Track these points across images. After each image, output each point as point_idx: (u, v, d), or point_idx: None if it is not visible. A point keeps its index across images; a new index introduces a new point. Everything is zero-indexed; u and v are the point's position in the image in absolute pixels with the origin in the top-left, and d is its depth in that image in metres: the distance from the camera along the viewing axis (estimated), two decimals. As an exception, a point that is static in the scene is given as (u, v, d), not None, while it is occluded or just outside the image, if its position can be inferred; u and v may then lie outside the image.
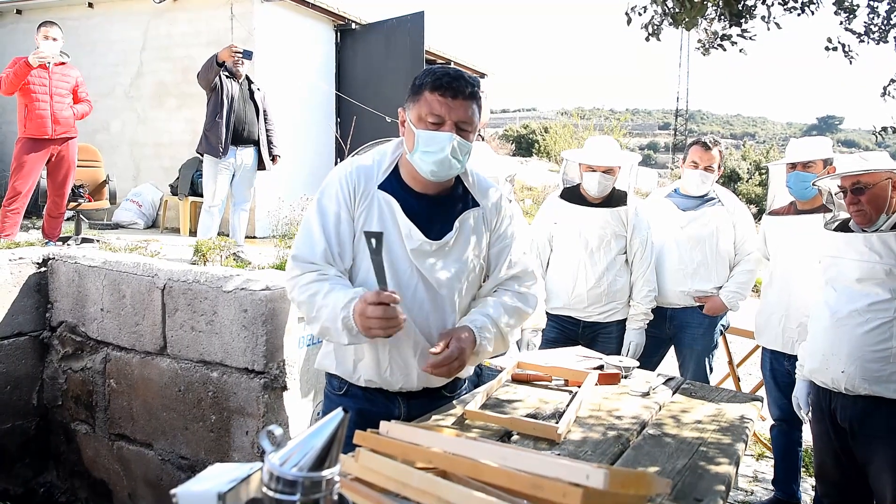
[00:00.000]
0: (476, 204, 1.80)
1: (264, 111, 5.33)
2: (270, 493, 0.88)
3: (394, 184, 1.73)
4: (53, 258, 3.65)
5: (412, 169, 1.70)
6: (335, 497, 0.92)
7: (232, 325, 2.97)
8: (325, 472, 0.89)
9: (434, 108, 1.61)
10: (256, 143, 5.24)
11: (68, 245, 4.53)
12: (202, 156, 5.17)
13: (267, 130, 5.36)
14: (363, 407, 1.74)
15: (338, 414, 0.92)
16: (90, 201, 5.79)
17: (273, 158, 5.43)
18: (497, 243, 1.84)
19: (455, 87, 1.61)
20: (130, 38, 7.93)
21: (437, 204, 1.74)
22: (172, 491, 0.93)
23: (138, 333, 3.29)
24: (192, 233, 6.01)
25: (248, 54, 5.07)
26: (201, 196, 5.73)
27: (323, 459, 0.89)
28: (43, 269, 3.65)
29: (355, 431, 1.28)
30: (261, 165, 5.33)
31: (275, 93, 7.53)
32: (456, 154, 1.63)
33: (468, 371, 1.86)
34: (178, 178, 6.98)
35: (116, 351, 3.39)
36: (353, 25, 8.48)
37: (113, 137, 8.03)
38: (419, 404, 1.79)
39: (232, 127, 5.01)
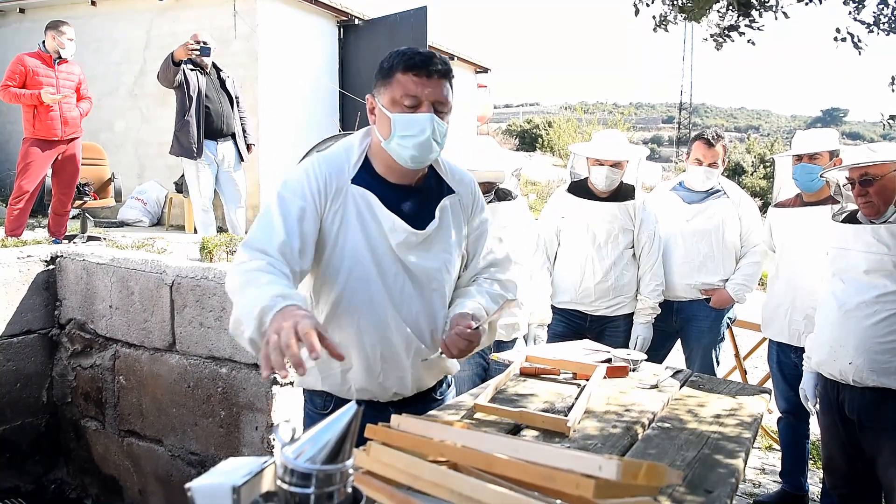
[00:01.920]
0: (452, 191, 1.72)
1: (237, 98, 5.11)
2: (285, 486, 0.89)
3: (366, 177, 1.62)
4: (61, 256, 3.66)
5: (386, 158, 1.61)
6: (349, 490, 0.93)
7: (240, 321, 2.98)
8: (339, 465, 0.90)
9: (409, 89, 1.53)
10: (235, 136, 5.04)
11: (74, 243, 4.55)
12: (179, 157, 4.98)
13: (241, 119, 5.14)
14: None
15: (351, 407, 0.93)
16: (96, 199, 5.82)
17: (248, 147, 5.21)
18: (475, 230, 1.78)
19: (429, 66, 1.53)
20: (134, 37, 7.94)
21: (415, 194, 1.66)
22: (187, 485, 0.94)
23: (147, 330, 3.31)
24: (197, 231, 6.02)
25: (205, 50, 4.86)
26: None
27: (337, 452, 0.90)
28: (51, 266, 3.66)
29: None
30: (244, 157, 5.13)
31: (278, 89, 7.56)
32: (436, 136, 1.55)
33: (455, 366, 1.81)
34: (182, 176, 6.99)
35: (125, 347, 3.41)
36: (356, 21, 8.48)
37: (117, 136, 8.05)
38: (412, 411, 1.73)
39: (203, 123, 4.81)
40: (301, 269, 1.54)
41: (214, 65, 5.06)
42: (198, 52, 4.81)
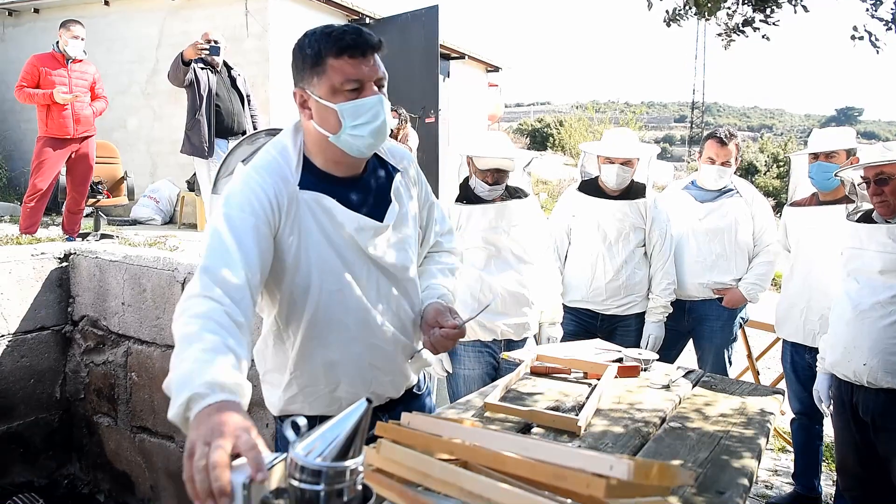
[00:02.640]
0: (396, 170, 1.62)
1: (248, 96, 5.16)
2: (295, 483, 0.89)
3: (312, 178, 1.47)
4: (75, 253, 3.69)
5: (332, 154, 1.47)
6: (359, 487, 0.93)
7: (251, 318, 2.99)
8: (350, 463, 0.90)
9: (349, 74, 1.39)
10: (245, 134, 5.14)
11: (88, 241, 4.59)
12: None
13: (252, 117, 5.19)
14: None
15: (361, 404, 0.93)
16: (109, 197, 5.87)
17: None
18: (425, 202, 1.71)
19: (363, 44, 1.40)
20: (146, 36, 8.00)
21: (365, 184, 1.55)
22: None
23: (159, 327, 3.32)
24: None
25: (215, 49, 4.85)
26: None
27: (347, 449, 0.90)
28: (64, 264, 3.69)
29: None
30: None
31: (289, 88, 7.58)
32: (387, 117, 1.45)
33: (432, 358, 1.74)
34: (194, 175, 7.03)
35: (137, 344, 3.43)
36: (367, 20, 8.49)
37: (130, 135, 8.10)
38: (401, 410, 1.68)
39: (214, 122, 4.86)
40: (259, 293, 1.41)
41: (225, 63, 5.10)
42: (207, 52, 4.81)
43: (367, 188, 1.54)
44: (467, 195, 2.71)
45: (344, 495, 0.90)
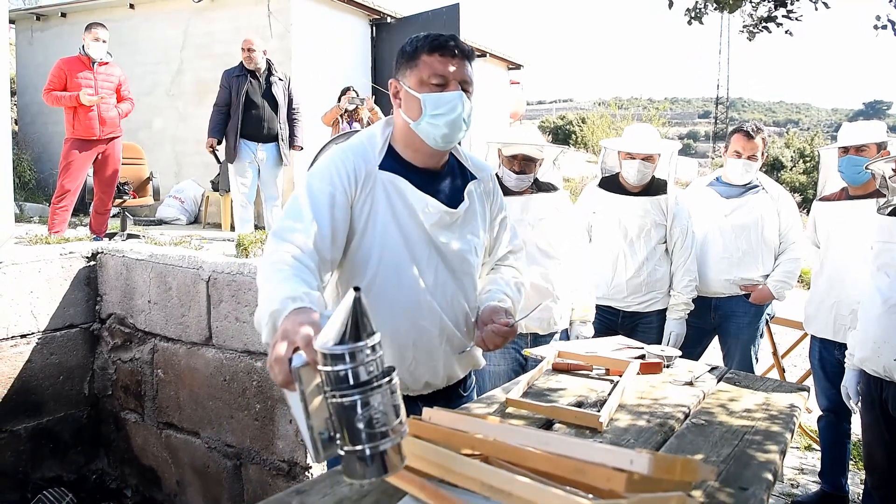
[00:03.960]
0: (474, 177, 1.75)
1: (289, 100, 5.30)
2: (326, 370, 0.95)
3: (392, 162, 1.62)
4: (102, 252, 3.75)
5: (412, 142, 1.62)
6: (377, 368, 0.97)
7: (274, 316, 3.02)
8: (362, 343, 0.95)
9: (436, 69, 1.55)
10: (278, 138, 5.26)
11: (115, 240, 4.66)
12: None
13: (291, 120, 5.33)
14: None
15: (349, 295, 0.96)
16: (135, 198, 5.96)
17: (293, 147, 5.42)
18: (497, 217, 1.81)
19: (453, 47, 1.56)
20: (170, 37, 8.10)
21: (441, 178, 1.68)
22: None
23: (184, 324, 3.37)
24: (234, 227, 6.14)
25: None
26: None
27: (352, 332, 0.94)
28: (92, 262, 3.76)
29: None
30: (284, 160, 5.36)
31: (312, 87, 7.62)
32: (464, 114, 1.58)
33: (483, 360, 1.83)
34: (219, 174, 7.11)
35: (164, 342, 3.48)
36: (389, 19, 8.51)
37: (155, 135, 8.21)
38: (440, 406, 1.73)
39: (240, 126, 5.05)
40: (332, 258, 1.53)
41: (269, 67, 5.23)
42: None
43: (443, 181, 1.68)
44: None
45: (367, 373, 0.95)
